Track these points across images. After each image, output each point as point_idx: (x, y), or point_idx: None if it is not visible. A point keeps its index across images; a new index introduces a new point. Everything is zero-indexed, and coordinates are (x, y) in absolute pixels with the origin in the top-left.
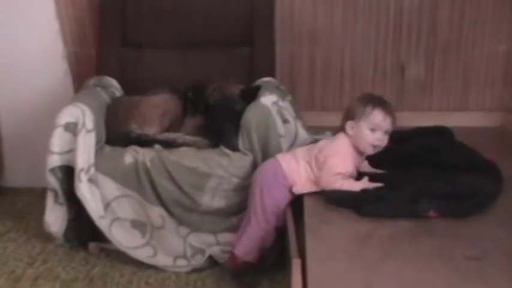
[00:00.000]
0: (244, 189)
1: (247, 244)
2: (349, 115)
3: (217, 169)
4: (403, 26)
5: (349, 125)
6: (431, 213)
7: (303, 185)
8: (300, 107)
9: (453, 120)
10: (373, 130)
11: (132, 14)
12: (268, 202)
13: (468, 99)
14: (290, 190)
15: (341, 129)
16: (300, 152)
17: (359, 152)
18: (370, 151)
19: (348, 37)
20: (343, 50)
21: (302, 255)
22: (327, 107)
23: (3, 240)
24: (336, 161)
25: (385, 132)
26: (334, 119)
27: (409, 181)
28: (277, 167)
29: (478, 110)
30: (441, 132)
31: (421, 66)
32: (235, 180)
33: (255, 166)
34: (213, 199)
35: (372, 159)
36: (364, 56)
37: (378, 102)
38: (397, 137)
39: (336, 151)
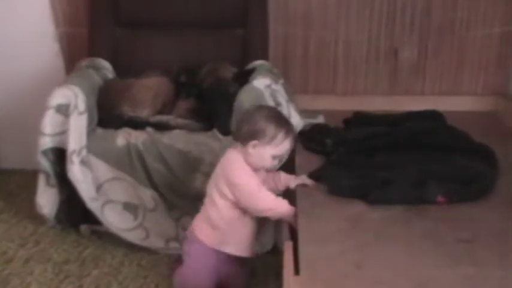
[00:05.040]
0: None
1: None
2: (255, 134)
3: (209, 154)
4: (397, 8)
5: (252, 144)
6: (439, 198)
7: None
8: (293, 90)
9: (445, 104)
10: (275, 157)
11: None
12: None
13: (461, 83)
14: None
15: (237, 141)
16: None
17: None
18: (260, 171)
19: (341, 19)
20: (337, 32)
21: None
22: (320, 90)
23: None
24: (242, 176)
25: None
26: (327, 103)
27: (412, 164)
28: None
29: (471, 95)
30: (433, 117)
31: (415, 49)
32: None
33: None
34: (204, 184)
35: (367, 145)
36: (358, 39)
37: (290, 130)
38: (390, 121)
39: (235, 168)
